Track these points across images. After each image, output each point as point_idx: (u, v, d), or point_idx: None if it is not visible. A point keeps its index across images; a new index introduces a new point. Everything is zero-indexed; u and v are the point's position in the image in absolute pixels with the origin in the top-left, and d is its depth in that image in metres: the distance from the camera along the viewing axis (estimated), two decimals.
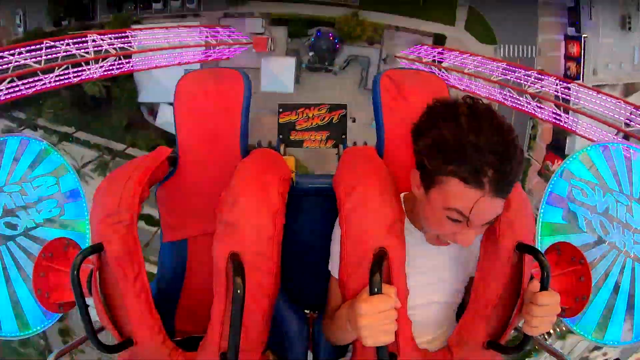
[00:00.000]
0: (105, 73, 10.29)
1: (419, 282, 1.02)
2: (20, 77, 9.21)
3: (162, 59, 11.15)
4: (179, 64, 11.30)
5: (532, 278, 0.95)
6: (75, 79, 9.87)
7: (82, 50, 9.78)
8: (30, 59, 9.23)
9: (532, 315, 0.90)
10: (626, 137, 10.00)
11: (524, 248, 0.96)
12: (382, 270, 0.88)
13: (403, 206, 1.02)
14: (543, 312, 0.89)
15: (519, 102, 10.81)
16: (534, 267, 0.97)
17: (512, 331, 1.08)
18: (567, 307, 1.23)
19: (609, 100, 10.39)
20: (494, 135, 0.82)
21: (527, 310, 0.91)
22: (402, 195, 1.07)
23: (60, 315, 1.28)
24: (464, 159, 0.83)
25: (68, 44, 9.59)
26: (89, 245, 1.01)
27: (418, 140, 0.93)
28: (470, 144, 0.82)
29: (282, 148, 1.59)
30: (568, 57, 12.83)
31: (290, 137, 1.64)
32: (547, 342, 1.15)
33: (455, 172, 0.84)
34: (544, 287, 0.89)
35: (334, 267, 1.07)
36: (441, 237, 0.96)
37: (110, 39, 10.21)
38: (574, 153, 1.33)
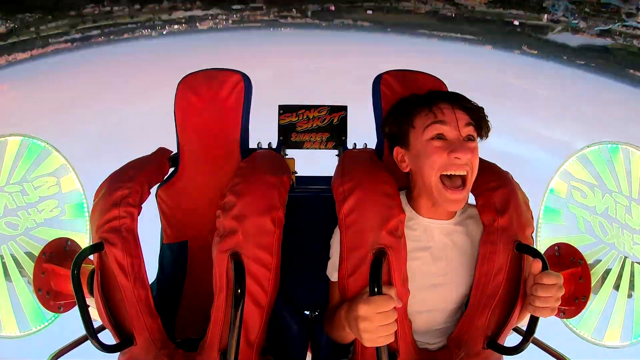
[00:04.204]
0: None
1: (420, 283, 1.02)
2: None
3: None
4: None
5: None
6: None
7: None
8: None
9: (536, 296, 0.89)
10: None
11: (523, 248, 0.96)
12: (381, 270, 0.88)
13: (403, 200, 1.03)
14: (547, 291, 0.89)
15: None
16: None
17: (512, 331, 1.08)
18: (567, 308, 1.24)
19: None
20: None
21: (531, 291, 0.91)
22: (401, 193, 1.07)
23: (60, 315, 1.28)
24: (416, 99, 1.03)
25: None
26: (90, 245, 1.02)
27: (385, 127, 1.09)
28: (415, 93, 1.06)
29: (282, 150, 1.60)
30: None
31: (291, 139, 1.65)
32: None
33: (415, 108, 1.01)
34: None
35: (331, 269, 1.06)
36: (446, 167, 0.95)
37: None
38: (572, 154, 1.33)
